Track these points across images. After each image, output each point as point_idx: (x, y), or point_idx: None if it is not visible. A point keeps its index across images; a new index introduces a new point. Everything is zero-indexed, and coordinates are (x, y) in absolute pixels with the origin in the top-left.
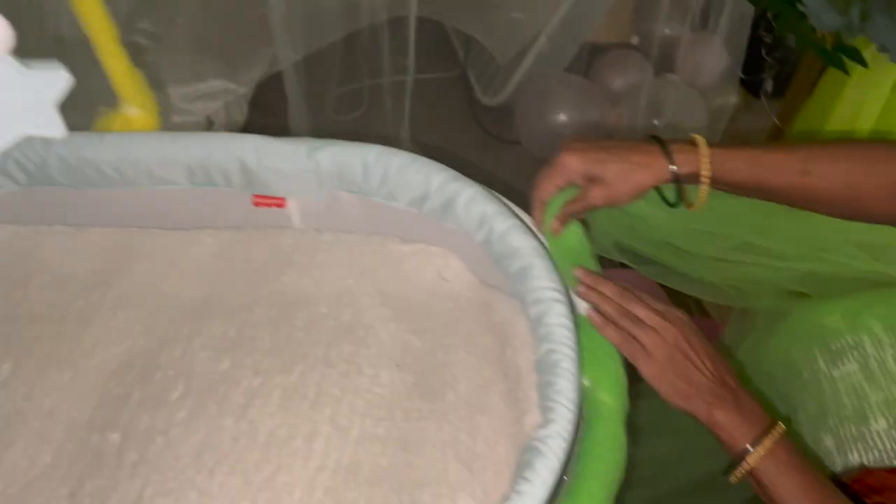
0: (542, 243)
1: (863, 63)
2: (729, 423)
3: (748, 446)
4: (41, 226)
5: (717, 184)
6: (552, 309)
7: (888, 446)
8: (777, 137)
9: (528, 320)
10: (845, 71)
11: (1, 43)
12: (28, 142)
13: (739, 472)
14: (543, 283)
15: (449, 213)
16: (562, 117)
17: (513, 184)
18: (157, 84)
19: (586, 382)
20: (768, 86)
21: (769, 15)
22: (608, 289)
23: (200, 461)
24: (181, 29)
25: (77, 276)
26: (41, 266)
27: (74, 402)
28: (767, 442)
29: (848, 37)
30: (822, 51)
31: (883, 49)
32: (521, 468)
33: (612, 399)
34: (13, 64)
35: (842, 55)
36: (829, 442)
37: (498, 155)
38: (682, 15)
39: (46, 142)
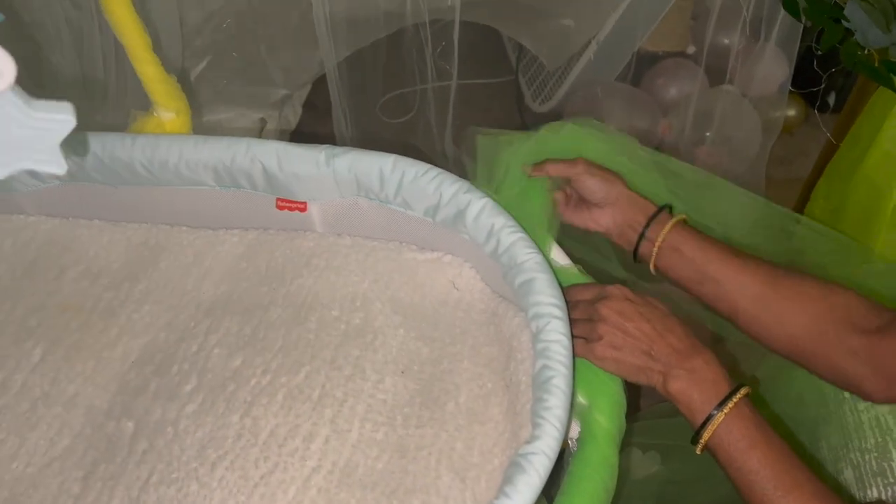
0: (546, 258)
1: None
2: (684, 394)
3: (713, 412)
4: (80, 219)
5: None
6: (550, 325)
7: None
8: (831, 153)
9: (531, 333)
10: (893, 89)
11: (5, 77)
12: (66, 141)
13: (703, 443)
14: (544, 299)
15: (460, 224)
16: (610, 126)
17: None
18: (211, 87)
19: (583, 401)
20: (830, 99)
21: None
22: None
23: (204, 454)
24: (236, 34)
25: (109, 269)
26: (76, 258)
27: (95, 390)
28: (726, 409)
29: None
30: (868, 68)
31: None
32: (503, 483)
33: (606, 420)
34: (18, 99)
35: (891, 73)
36: (848, 474)
37: None
38: (737, 24)
39: (83, 140)
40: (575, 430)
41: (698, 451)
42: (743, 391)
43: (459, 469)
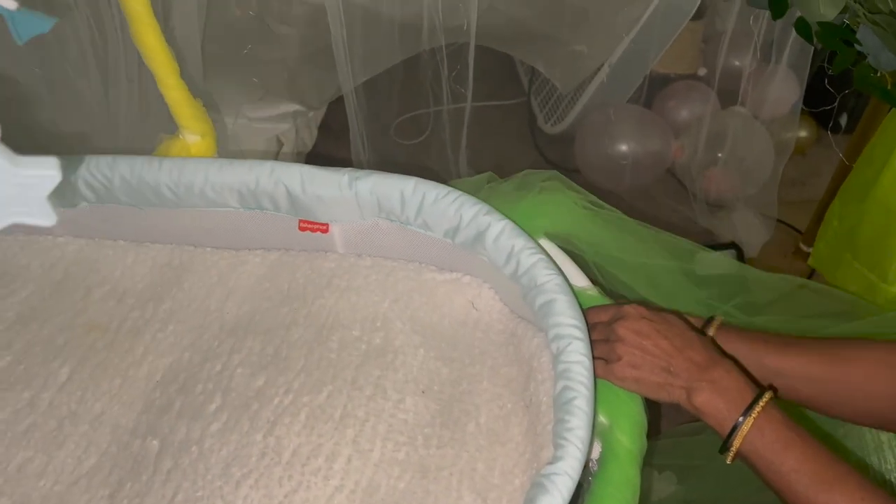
0: (566, 279)
1: None
2: (709, 405)
3: (739, 419)
4: (106, 240)
5: None
6: (571, 346)
7: None
8: (844, 174)
9: (551, 354)
10: None
11: None
12: (96, 163)
13: (733, 451)
14: (564, 320)
15: (479, 245)
16: (622, 147)
17: None
18: (231, 106)
19: (604, 420)
20: (842, 120)
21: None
22: None
23: (228, 472)
24: (255, 54)
25: (134, 289)
26: (103, 278)
27: (121, 409)
28: (754, 414)
29: None
30: (881, 91)
31: None
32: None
33: (628, 440)
34: (3, 159)
35: None
36: None
37: None
38: (748, 46)
39: (112, 164)
40: (596, 451)
41: (729, 461)
42: (768, 395)
43: (481, 490)
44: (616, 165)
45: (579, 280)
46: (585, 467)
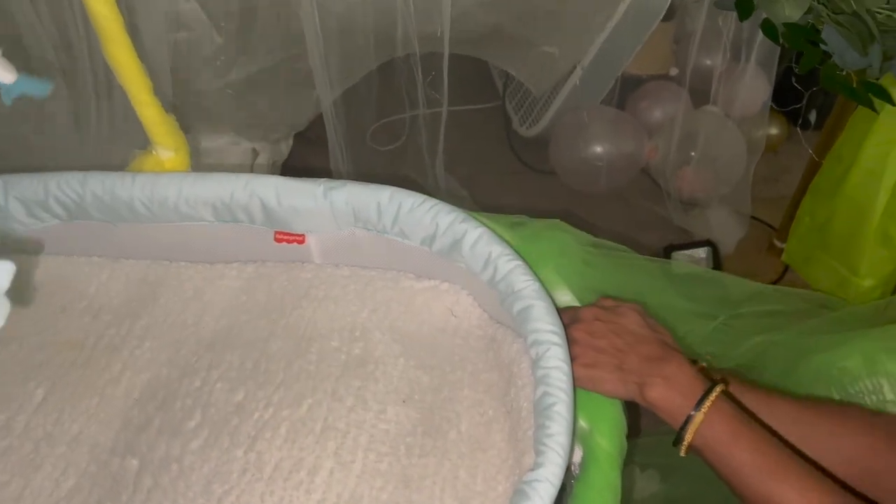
0: (543, 285)
1: (890, 102)
2: (662, 399)
3: (691, 413)
4: (80, 257)
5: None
6: (549, 351)
7: None
8: (814, 171)
9: (530, 360)
10: (873, 109)
11: None
12: (66, 179)
13: (685, 444)
14: (542, 325)
15: (456, 253)
16: (597, 149)
17: (548, 213)
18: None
19: (584, 425)
20: (811, 117)
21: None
22: None
23: (209, 490)
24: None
25: (110, 305)
26: (78, 295)
27: (99, 427)
28: (705, 408)
29: (873, 75)
30: (848, 89)
31: None
32: None
33: (608, 443)
34: None
35: (869, 93)
36: None
37: (533, 185)
38: (718, 46)
39: (83, 180)
40: (578, 455)
41: (682, 454)
42: (719, 388)
43: (463, 497)
44: (591, 167)
45: (563, 296)
46: (568, 471)
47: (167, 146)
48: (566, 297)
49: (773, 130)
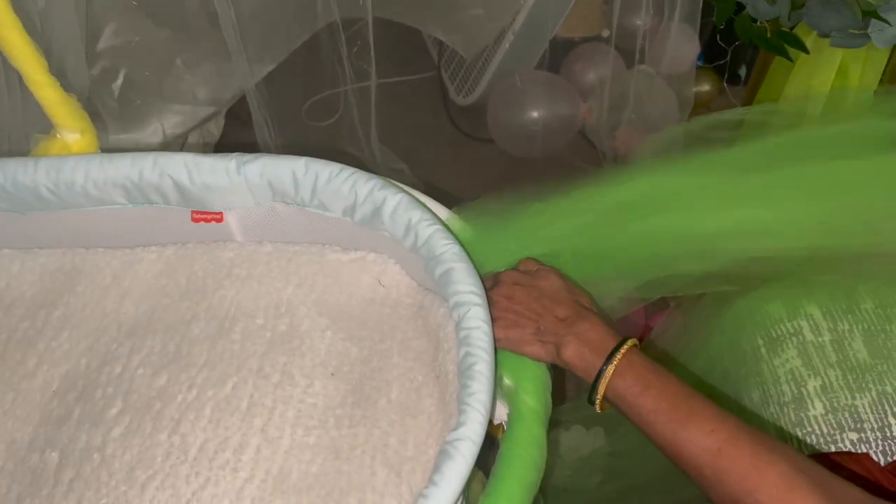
0: (463, 248)
1: (804, 50)
2: (576, 357)
3: (602, 367)
4: None
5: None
6: (470, 312)
7: (825, 430)
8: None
9: (454, 323)
10: (788, 58)
11: None
12: None
13: (599, 398)
14: (463, 287)
15: (377, 221)
16: (532, 114)
17: (486, 181)
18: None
19: (509, 383)
20: (741, 72)
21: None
22: None
23: (133, 476)
24: (154, 50)
25: (23, 298)
26: None
27: (16, 423)
28: (616, 360)
29: (785, 24)
30: (762, 39)
31: (823, 35)
32: (432, 471)
33: (533, 400)
34: None
35: (783, 42)
36: (770, 429)
37: (472, 153)
38: (643, 4)
39: None
40: (503, 412)
41: (598, 409)
42: (630, 342)
43: (394, 464)
44: (528, 132)
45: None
46: (498, 431)
47: (71, 128)
48: None
49: (705, 87)
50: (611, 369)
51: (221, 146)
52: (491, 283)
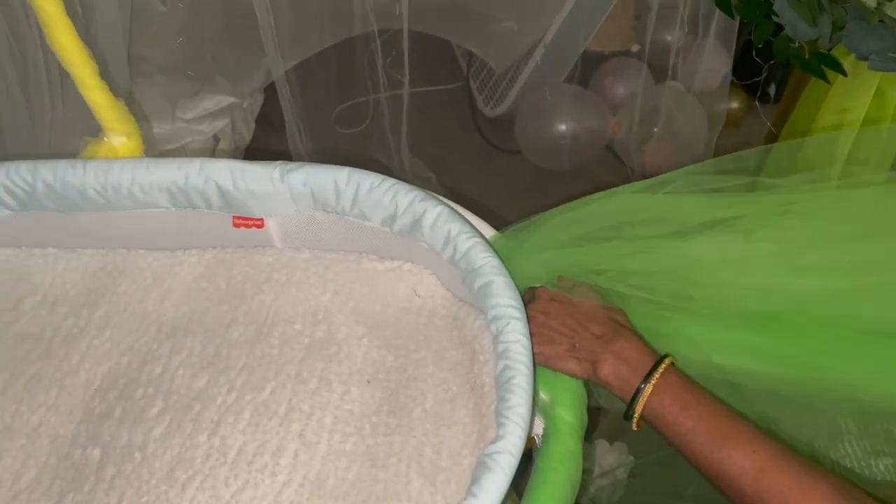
0: (502, 261)
1: (841, 72)
2: (613, 375)
3: (640, 385)
4: (34, 248)
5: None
6: (509, 326)
7: (859, 454)
8: (771, 142)
9: (492, 335)
10: (825, 79)
11: None
12: (15, 168)
13: (636, 416)
14: (502, 301)
15: (417, 232)
16: (561, 127)
17: (513, 192)
18: (159, 108)
19: (545, 398)
20: (771, 90)
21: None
22: None
23: (173, 476)
24: (178, 49)
25: (67, 296)
26: (33, 287)
27: (59, 419)
28: (654, 380)
29: (825, 46)
30: (800, 60)
31: (862, 57)
32: (471, 483)
33: (569, 415)
34: None
35: (821, 64)
36: (804, 451)
37: (499, 164)
38: (678, 21)
39: (33, 169)
40: (539, 427)
41: (634, 427)
42: (667, 361)
43: (429, 473)
44: (556, 145)
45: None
46: (531, 445)
47: (118, 131)
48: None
49: (734, 104)
50: (649, 388)
51: (252, 150)
52: (527, 299)
